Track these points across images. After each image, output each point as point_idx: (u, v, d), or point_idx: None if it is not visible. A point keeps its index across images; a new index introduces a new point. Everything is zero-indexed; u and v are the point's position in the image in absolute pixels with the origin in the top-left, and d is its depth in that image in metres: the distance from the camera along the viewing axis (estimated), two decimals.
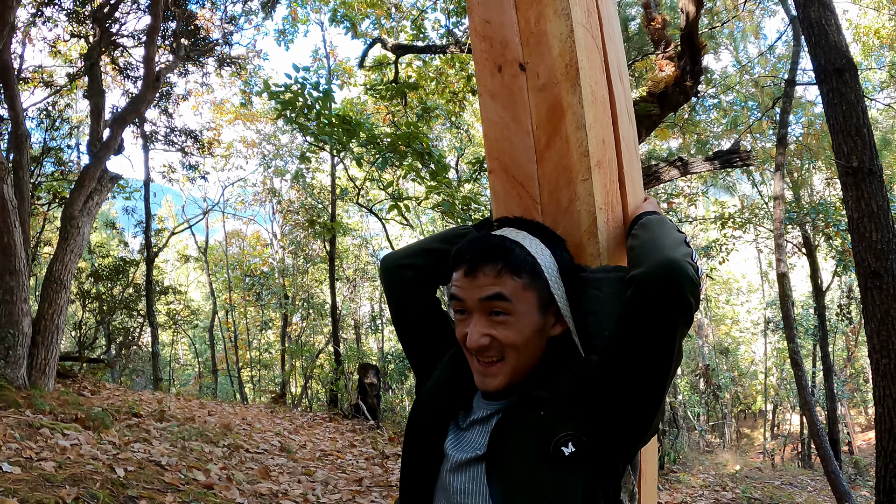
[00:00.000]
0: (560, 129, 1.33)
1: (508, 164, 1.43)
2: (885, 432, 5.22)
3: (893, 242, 5.45)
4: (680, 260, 1.11)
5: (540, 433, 1.16)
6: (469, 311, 1.24)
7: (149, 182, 15.62)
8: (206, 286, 25.23)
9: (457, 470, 1.25)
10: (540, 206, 1.39)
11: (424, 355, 1.48)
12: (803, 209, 13.10)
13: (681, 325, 1.12)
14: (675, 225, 1.30)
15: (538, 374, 1.26)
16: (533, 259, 1.23)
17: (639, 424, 1.17)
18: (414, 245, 1.55)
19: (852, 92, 5.67)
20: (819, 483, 10.57)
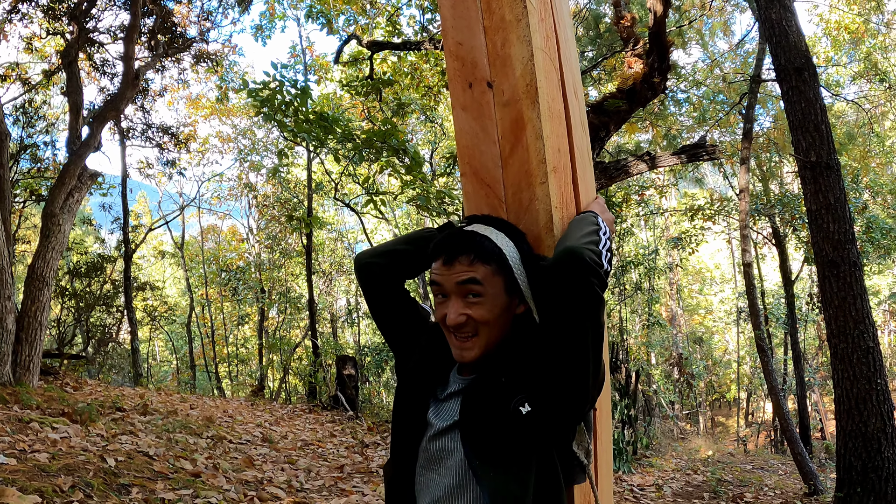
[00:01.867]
0: (521, 139, 1.54)
1: (478, 169, 1.64)
2: (844, 413, 5.52)
3: (850, 233, 5.74)
4: (578, 246, 1.37)
5: (502, 397, 1.40)
6: (447, 294, 1.47)
7: (126, 178, 15.60)
8: (183, 282, 25.16)
9: (437, 435, 1.49)
10: (505, 205, 1.61)
11: (399, 337, 1.73)
12: (770, 201, 13.44)
13: (586, 302, 1.35)
14: (594, 221, 1.54)
15: (502, 348, 1.49)
16: (500, 250, 1.46)
17: (575, 386, 1.39)
18: (382, 245, 1.78)
19: (811, 90, 5.95)
20: (790, 467, 10.91)
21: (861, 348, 5.52)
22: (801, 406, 13.46)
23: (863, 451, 5.34)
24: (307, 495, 5.71)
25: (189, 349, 21.04)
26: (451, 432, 1.47)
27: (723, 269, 30.29)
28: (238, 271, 21.26)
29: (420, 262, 1.73)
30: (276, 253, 22.02)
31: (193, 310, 21.26)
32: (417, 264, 1.73)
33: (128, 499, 3.85)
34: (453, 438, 1.46)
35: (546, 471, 1.40)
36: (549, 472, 1.41)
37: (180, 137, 14.70)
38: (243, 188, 22.09)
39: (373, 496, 6.08)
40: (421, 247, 1.71)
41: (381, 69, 13.39)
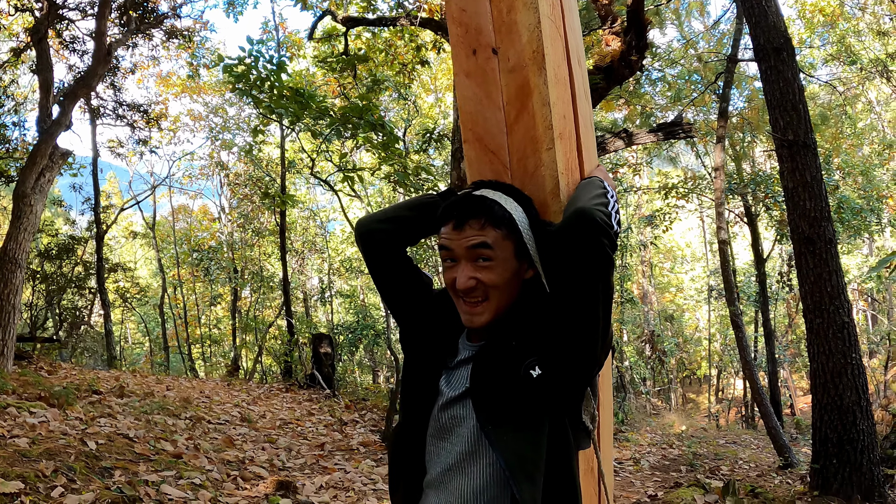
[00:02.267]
0: (527, 105, 1.52)
1: (482, 135, 1.61)
2: (820, 387, 5.61)
3: (826, 211, 5.81)
4: (588, 208, 1.36)
5: (512, 361, 1.41)
6: (457, 258, 1.46)
7: (97, 158, 15.27)
8: (154, 262, 24.83)
9: (449, 403, 1.48)
10: (510, 171, 1.59)
11: (405, 306, 1.69)
12: (744, 180, 13.60)
13: (598, 263, 1.34)
14: (601, 184, 1.53)
15: (511, 313, 1.48)
16: (510, 214, 1.44)
17: (585, 349, 1.40)
18: (384, 212, 1.72)
19: (789, 70, 5.98)
20: (762, 442, 11.15)
21: (836, 323, 5.60)
22: (773, 382, 13.71)
23: (838, 423, 5.44)
24: (290, 474, 5.70)
25: (162, 330, 20.80)
26: (462, 400, 1.46)
27: (694, 247, 30.66)
28: (210, 251, 21.02)
29: (423, 228, 1.70)
30: (248, 232, 21.81)
31: (166, 291, 21.01)
32: (421, 231, 1.71)
33: (111, 481, 3.79)
34: (465, 406, 1.45)
35: (558, 434, 1.40)
36: (560, 435, 1.41)
37: (151, 115, 14.39)
38: (215, 167, 21.78)
39: (355, 473, 6.09)
40: (424, 213, 1.68)
41: (354, 46, 13.22)
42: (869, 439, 5.38)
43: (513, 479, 1.33)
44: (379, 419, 9.59)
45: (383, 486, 5.72)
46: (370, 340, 17.88)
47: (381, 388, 17.34)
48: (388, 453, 1.67)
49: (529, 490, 1.34)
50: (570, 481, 1.43)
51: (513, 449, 1.35)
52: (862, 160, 16.05)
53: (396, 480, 1.61)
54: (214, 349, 24.44)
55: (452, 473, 1.45)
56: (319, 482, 5.52)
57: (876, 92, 18.97)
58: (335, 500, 5.13)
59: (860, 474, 5.31)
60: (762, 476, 6.93)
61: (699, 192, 16.68)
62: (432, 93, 21.88)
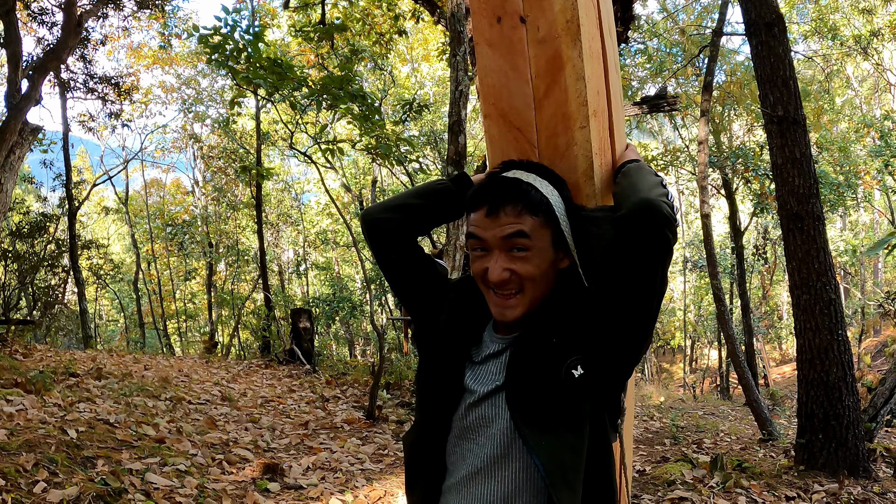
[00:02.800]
0: (559, 79, 1.39)
1: (506, 110, 1.48)
2: (806, 362, 5.62)
3: (814, 187, 5.78)
4: (654, 199, 1.24)
5: (552, 359, 1.29)
6: (489, 248, 1.33)
7: (68, 133, 14.84)
8: (128, 238, 24.42)
9: (478, 402, 1.36)
10: (538, 150, 1.46)
11: (419, 299, 1.57)
12: (724, 153, 13.61)
13: (659, 256, 1.24)
14: (653, 170, 1.41)
15: (548, 306, 1.37)
16: (547, 199, 1.33)
17: (634, 346, 1.31)
18: (392, 200, 1.60)
19: (780, 45, 5.90)
20: (739, 413, 11.28)
21: (823, 300, 5.60)
22: (749, 354, 13.89)
23: (824, 399, 5.46)
24: (275, 455, 5.60)
25: (137, 307, 20.51)
26: (492, 397, 1.35)
27: None
28: (184, 225, 20.70)
29: (435, 216, 1.58)
30: (222, 205, 21.51)
31: (140, 267, 20.67)
32: (433, 219, 1.58)
33: (94, 472, 3.65)
34: (495, 404, 1.34)
35: (598, 436, 1.30)
36: (600, 436, 1.31)
37: (123, 88, 13.98)
38: (188, 139, 21.35)
39: (341, 452, 6.01)
40: (437, 201, 1.57)
41: (331, 15, 12.92)
42: (854, 415, 5.41)
43: (552, 488, 1.22)
44: (361, 395, 9.51)
45: (371, 466, 5.66)
46: (347, 313, 17.79)
47: (359, 362, 17.28)
48: (405, 454, 1.55)
49: (569, 499, 1.24)
50: (608, 486, 1.33)
51: (552, 454, 1.24)
52: (840, 136, 16.16)
53: (414, 481, 1.50)
54: (190, 324, 24.20)
55: (479, 477, 1.34)
56: (306, 463, 5.43)
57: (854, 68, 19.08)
58: (323, 481, 5.04)
59: (846, 449, 5.35)
60: (745, 449, 6.97)
61: (678, 165, 16.71)
62: (408, 63, 21.61)
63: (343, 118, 8.80)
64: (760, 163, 12.55)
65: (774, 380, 19.73)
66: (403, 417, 7.99)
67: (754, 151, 12.80)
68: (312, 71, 14.43)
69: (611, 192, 1.52)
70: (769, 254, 17.42)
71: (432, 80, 22.08)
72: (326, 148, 8.88)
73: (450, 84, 5.73)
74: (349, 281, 26.30)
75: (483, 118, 1.53)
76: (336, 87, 8.53)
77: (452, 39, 5.64)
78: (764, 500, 4.70)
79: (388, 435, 7.00)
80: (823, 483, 5.08)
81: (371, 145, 9.25)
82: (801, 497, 4.80)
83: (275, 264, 25.32)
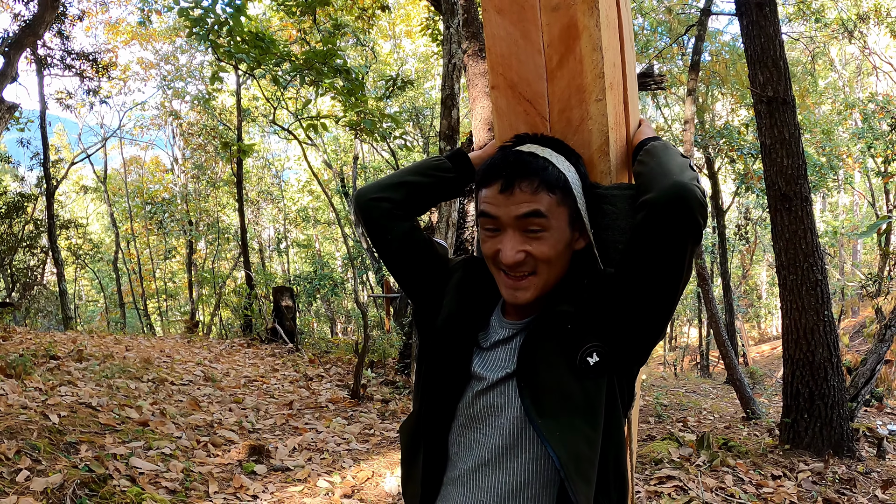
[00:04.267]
0: (574, 49, 1.31)
1: (515, 81, 1.40)
2: (792, 342, 5.64)
3: (802, 168, 5.76)
4: (688, 183, 1.15)
5: (566, 346, 1.22)
6: (502, 227, 1.25)
7: (45, 111, 14.49)
8: (106, 217, 24.09)
9: (486, 389, 1.29)
10: (549, 123, 1.38)
11: (420, 283, 1.49)
12: (708, 133, 13.61)
13: (690, 243, 1.17)
14: (679, 150, 1.33)
15: (561, 289, 1.30)
16: (564, 176, 1.25)
17: (653, 331, 1.25)
18: (388, 178, 1.51)
19: (771, 26, 5.85)
20: (720, 391, 11.38)
21: (810, 280, 5.61)
22: (730, 333, 14.00)
23: (810, 379, 5.49)
24: (260, 436, 5.55)
25: (117, 286, 20.27)
26: (502, 385, 1.28)
27: None
28: (164, 203, 20.44)
29: (434, 194, 1.50)
30: (202, 183, 21.26)
31: (119, 246, 20.41)
32: (431, 197, 1.51)
33: (78, 458, 3.56)
34: (505, 392, 1.27)
35: (611, 426, 1.24)
36: (614, 426, 1.25)
37: (101, 64, 13.66)
38: (167, 116, 21.01)
39: (327, 433, 5.97)
40: (437, 177, 1.49)
41: None
42: (839, 395, 5.45)
43: (568, 481, 1.16)
44: (344, 373, 9.48)
45: (358, 446, 5.62)
46: (328, 290, 17.71)
47: (341, 340, 17.24)
48: (402, 443, 1.48)
49: (585, 491, 1.18)
50: (621, 476, 1.28)
51: (567, 445, 1.18)
52: (823, 118, 16.24)
53: (410, 472, 1.44)
54: (171, 303, 24.00)
55: (487, 469, 1.28)
56: (292, 444, 5.38)
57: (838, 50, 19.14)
58: (310, 462, 5.00)
59: (830, 429, 5.39)
60: (730, 428, 7.02)
61: None
62: (390, 39, 21.39)
63: (327, 94, 8.67)
64: (745, 142, 12.57)
65: (753, 358, 19.97)
66: (388, 396, 7.96)
67: (739, 131, 12.80)
68: (294, 46, 14.20)
69: (627, 168, 1.45)
70: (750, 234, 17.54)
71: (414, 56, 21.87)
72: (309, 124, 8.74)
73: (443, 57, 5.62)
74: (330, 258, 26.20)
75: (491, 88, 1.45)
76: (320, 62, 8.38)
77: (446, 11, 5.52)
78: (751, 479, 4.72)
79: (373, 414, 6.97)
80: (809, 462, 5.12)
81: (354, 121, 9.12)
82: (787, 476, 4.83)
83: (255, 242, 25.15)
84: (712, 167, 14.95)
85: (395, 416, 6.97)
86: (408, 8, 19.26)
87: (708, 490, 4.39)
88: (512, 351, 1.30)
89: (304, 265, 26.60)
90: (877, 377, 6.65)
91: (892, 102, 13.62)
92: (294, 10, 11.78)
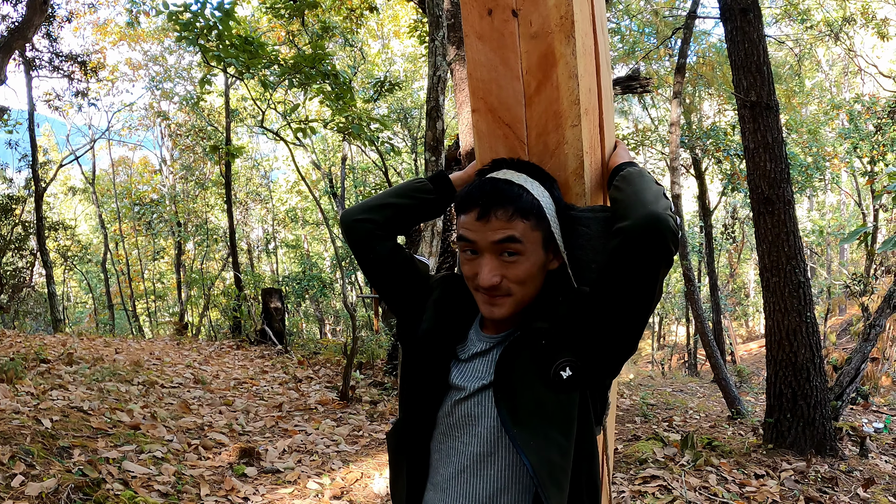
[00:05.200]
0: (551, 76, 1.38)
1: (495, 106, 1.46)
2: (775, 343, 5.74)
3: (785, 172, 5.86)
4: (661, 213, 1.23)
5: (541, 360, 1.29)
6: (479, 251, 1.32)
7: (33, 112, 14.43)
8: (95, 218, 23.99)
9: (464, 399, 1.37)
10: (527, 147, 1.45)
11: (402, 299, 1.57)
12: (695, 133, 13.72)
13: (662, 267, 1.25)
14: (653, 177, 1.40)
15: (536, 306, 1.37)
16: (538, 202, 1.31)
17: (625, 347, 1.32)
18: (371, 200, 1.59)
19: (755, 31, 5.93)
20: (707, 389, 11.48)
21: (793, 282, 5.71)
22: (717, 332, 14.13)
23: (793, 379, 5.59)
24: (250, 438, 5.59)
25: (106, 288, 20.19)
26: (479, 395, 1.35)
27: None
28: (152, 204, 20.37)
29: (415, 215, 1.58)
30: (190, 183, 21.21)
31: (108, 247, 20.33)
32: (412, 218, 1.59)
33: (71, 463, 3.60)
34: (482, 402, 1.35)
35: (584, 435, 1.31)
36: (587, 436, 1.32)
37: (89, 66, 13.63)
38: (155, 117, 20.94)
39: (316, 434, 6.02)
40: (419, 199, 1.57)
41: None
42: (822, 395, 5.55)
43: (541, 488, 1.23)
44: (333, 375, 9.52)
45: (347, 448, 5.67)
46: (317, 291, 17.72)
47: (330, 341, 17.26)
48: (389, 449, 1.55)
49: (557, 497, 1.25)
50: (593, 483, 1.35)
51: (541, 453, 1.25)
52: (809, 118, 16.38)
53: (396, 477, 1.51)
54: (160, 305, 23.91)
55: (465, 475, 1.35)
56: (282, 446, 5.43)
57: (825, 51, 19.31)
58: (300, 464, 5.05)
59: (813, 428, 5.49)
60: (714, 427, 7.12)
61: (649, 145, 16.83)
62: (379, 39, 21.40)
63: (315, 97, 8.70)
64: (731, 143, 12.69)
65: (741, 357, 20.10)
66: (377, 397, 8.01)
67: (725, 132, 12.92)
68: (282, 48, 14.21)
69: (602, 191, 1.52)
70: (737, 233, 17.69)
71: (403, 57, 21.90)
72: (297, 128, 8.77)
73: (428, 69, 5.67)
74: (319, 259, 26.19)
75: (472, 112, 1.51)
76: (308, 66, 8.41)
77: (431, 24, 5.57)
78: (734, 478, 4.81)
79: (362, 416, 7.02)
80: (792, 461, 5.21)
81: (342, 125, 9.14)
82: (770, 475, 4.92)
83: (244, 243, 25.11)
84: (699, 167, 15.08)
85: (384, 417, 7.02)
86: (396, 8, 19.27)
87: (691, 489, 4.47)
88: (489, 363, 1.37)
89: (292, 266, 26.59)
90: (862, 375, 6.76)
91: (878, 103, 13.77)
92: (283, 13, 11.81)
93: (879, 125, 13.15)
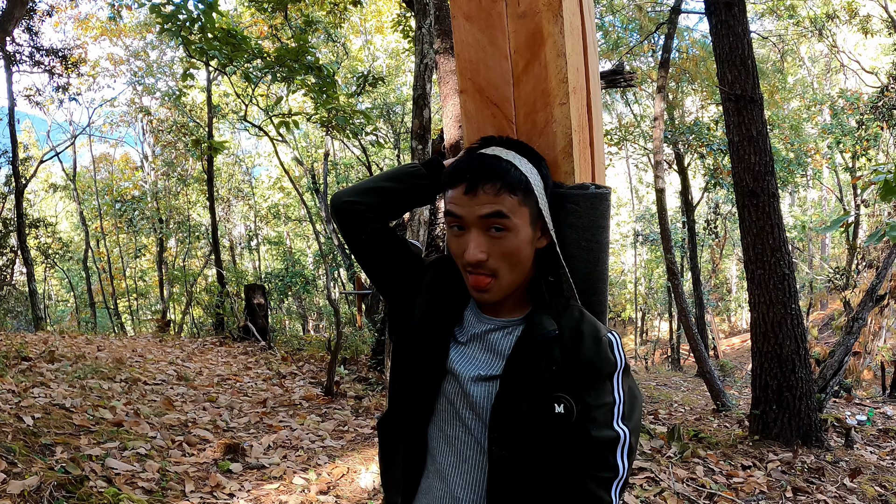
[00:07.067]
0: (539, 55, 1.36)
1: (483, 86, 1.45)
2: (760, 335, 5.76)
3: (770, 165, 5.88)
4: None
5: (544, 386, 1.28)
6: (466, 226, 1.29)
7: (14, 108, 14.23)
8: (76, 216, 23.74)
9: (464, 385, 1.34)
10: (515, 126, 1.43)
11: (395, 284, 1.52)
12: (678, 129, 13.78)
13: None
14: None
15: (531, 292, 1.36)
16: (526, 178, 1.29)
17: None
18: (363, 183, 1.54)
19: (739, 25, 5.94)
20: (691, 384, 11.55)
21: (777, 275, 5.73)
22: (700, 326, 14.22)
23: (778, 371, 5.61)
24: (235, 434, 5.54)
25: (87, 286, 19.98)
26: (478, 384, 1.33)
27: (620, 193, 31.32)
28: (133, 201, 20.18)
29: (407, 200, 1.53)
30: (172, 180, 21.04)
31: (89, 244, 20.12)
32: (405, 203, 1.53)
33: (53, 460, 3.53)
34: (479, 392, 1.33)
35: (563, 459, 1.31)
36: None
37: (70, 60, 13.46)
38: (137, 113, 20.75)
39: (301, 430, 5.97)
40: (411, 184, 1.51)
41: None
42: (807, 386, 5.58)
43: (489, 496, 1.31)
44: (317, 370, 9.47)
45: (332, 443, 5.64)
46: (300, 287, 17.65)
47: (313, 337, 17.20)
48: (380, 438, 1.51)
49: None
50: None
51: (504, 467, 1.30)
52: (792, 114, 16.50)
53: (391, 465, 1.48)
54: (142, 302, 23.72)
55: (463, 462, 1.34)
56: (267, 442, 5.38)
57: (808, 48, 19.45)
58: (285, 460, 5.00)
59: (799, 420, 5.52)
60: (700, 420, 7.15)
61: (632, 140, 16.89)
62: (361, 35, 21.32)
63: (298, 91, 8.65)
64: (714, 138, 12.75)
65: (724, 351, 20.27)
66: (361, 392, 7.98)
67: (708, 127, 12.99)
68: (265, 42, 14.11)
69: (590, 168, 1.50)
70: (720, 228, 17.80)
71: (385, 53, 21.84)
72: (280, 121, 8.71)
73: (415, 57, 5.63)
74: (301, 255, 26.08)
75: (460, 93, 1.49)
76: (291, 59, 8.36)
77: (418, 11, 5.53)
78: (721, 470, 4.82)
79: (347, 411, 6.98)
80: (778, 452, 5.23)
81: (326, 118, 9.09)
82: (757, 466, 4.94)
83: (226, 239, 24.95)
84: (682, 163, 15.15)
85: (369, 412, 6.99)
86: (379, 4, 19.21)
87: (679, 481, 4.48)
88: (490, 352, 1.35)
89: (275, 262, 26.46)
90: (845, 369, 6.81)
91: (860, 99, 13.89)
92: (265, 6, 11.73)
93: (862, 121, 13.26)
